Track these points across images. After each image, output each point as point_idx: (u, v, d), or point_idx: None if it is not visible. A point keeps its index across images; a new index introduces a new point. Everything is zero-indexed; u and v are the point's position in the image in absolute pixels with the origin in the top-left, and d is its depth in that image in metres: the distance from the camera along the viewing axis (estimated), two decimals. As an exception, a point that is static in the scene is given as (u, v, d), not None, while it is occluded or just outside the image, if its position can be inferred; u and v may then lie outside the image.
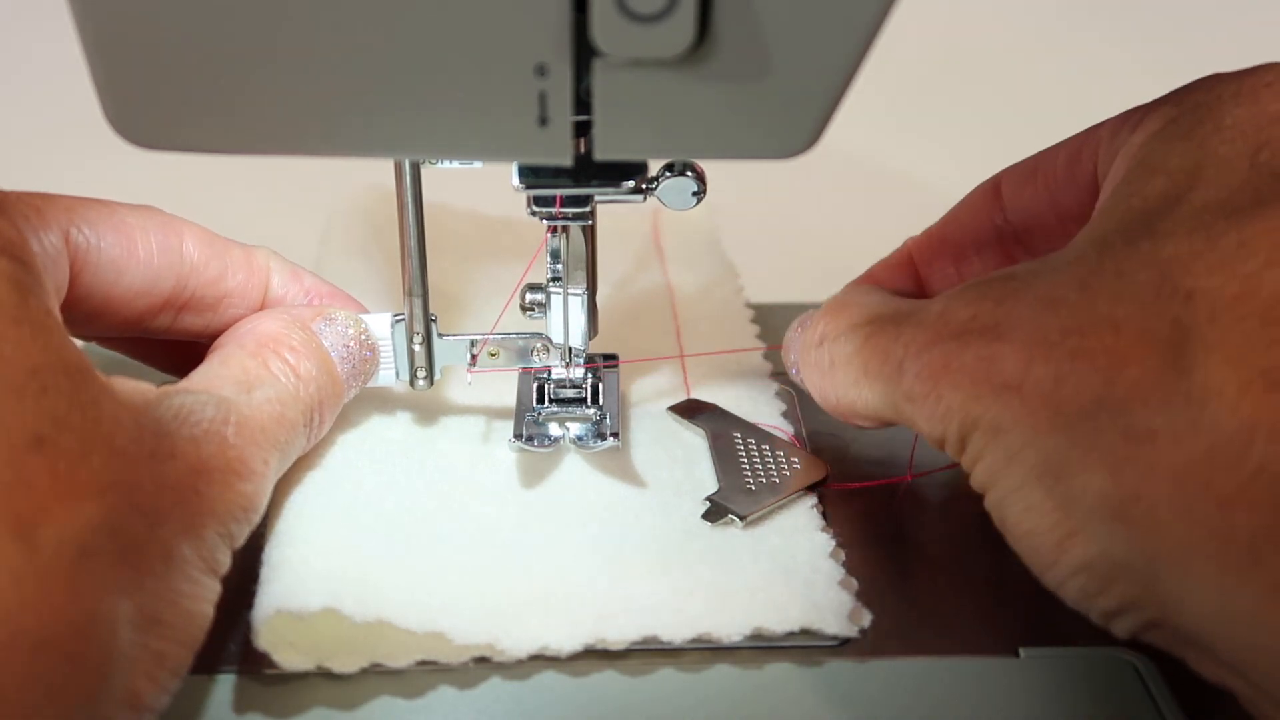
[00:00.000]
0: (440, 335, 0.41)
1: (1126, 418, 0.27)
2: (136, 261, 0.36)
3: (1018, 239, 0.39)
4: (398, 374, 0.41)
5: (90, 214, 0.35)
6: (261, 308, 0.39)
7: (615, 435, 0.40)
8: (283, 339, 0.37)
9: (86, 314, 0.36)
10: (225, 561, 0.31)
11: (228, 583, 0.35)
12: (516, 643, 0.33)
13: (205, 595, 0.30)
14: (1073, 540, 0.29)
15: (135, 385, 0.31)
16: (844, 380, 0.36)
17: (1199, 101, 0.32)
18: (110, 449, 0.28)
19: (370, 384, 0.40)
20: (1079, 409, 0.28)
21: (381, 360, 0.40)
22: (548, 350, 0.41)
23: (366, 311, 0.41)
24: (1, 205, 0.31)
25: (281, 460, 0.35)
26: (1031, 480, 0.29)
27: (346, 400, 0.39)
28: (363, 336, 0.39)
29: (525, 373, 0.42)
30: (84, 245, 0.35)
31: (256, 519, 0.33)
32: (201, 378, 0.35)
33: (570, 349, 0.41)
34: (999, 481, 0.30)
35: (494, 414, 0.43)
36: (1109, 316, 0.28)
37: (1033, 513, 0.30)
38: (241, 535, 0.32)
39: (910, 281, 0.41)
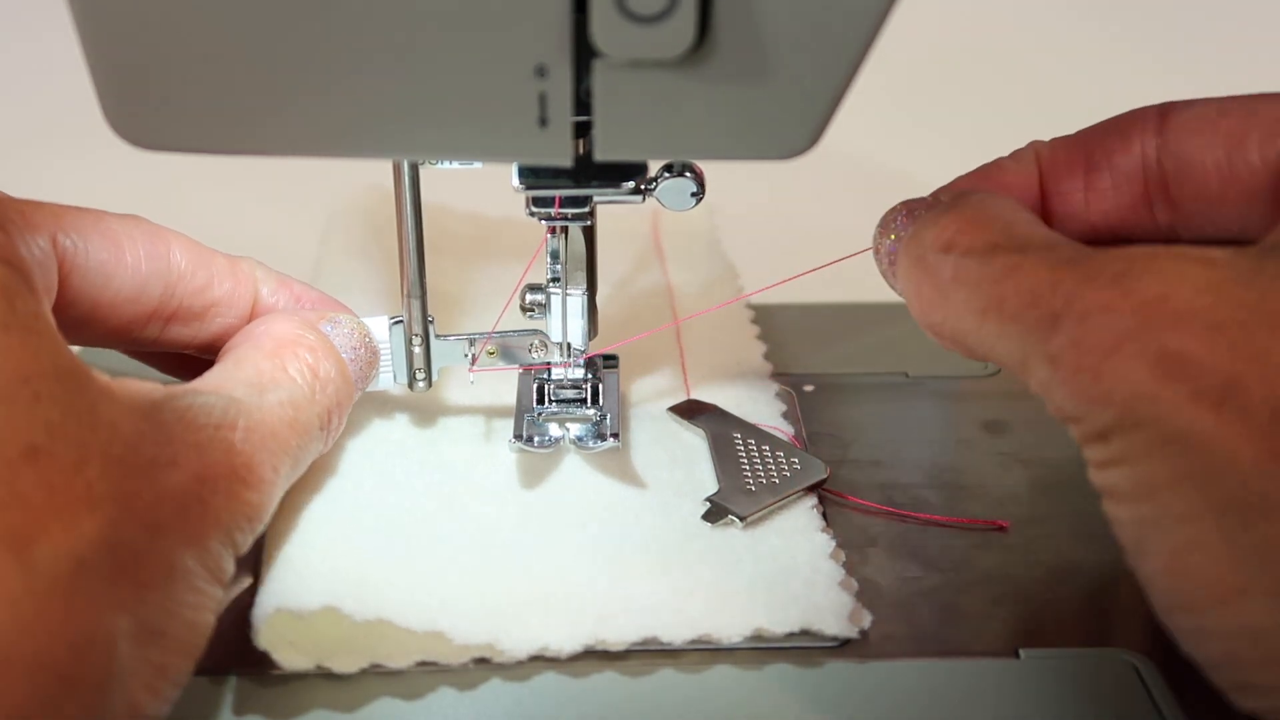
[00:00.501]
0: (437, 336, 0.41)
1: None
2: (124, 268, 0.36)
3: (1164, 181, 0.34)
4: (395, 377, 0.41)
5: (77, 220, 0.35)
6: (251, 316, 0.39)
7: (615, 436, 0.40)
8: (300, 340, 0.36)
9: (74, 321, 0.35)
10: (230, 569, 0.31)
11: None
12: (516, 643, 0.33)
13: (208, 604, 0.30)
14: (1243, 599, 0.25)
15: (138, 386, 0.31)
16: (962, 303, 0.31)
17: None
18: (107, 458, 0.27)
19: (370, 387, 0.40)
20: None
21: (380, 363, 0.40)
22: (545, 346, 0.41)
23: (357, 317, 0.41)
24: None
25: (294, 467, 0.34)
26: (1208, 515, 0.25)
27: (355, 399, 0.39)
28: (366, 339, 0.39)
29: (525, 373, 0.42)
30: (71, 250, 0.34)
31: (262, 527, 0.32)
32: (214, 379, 0.34)
33: (569, 345, 0.41)
34: (1154, 499, 0.26)
35: (494, 414, 0.43)
36: None
37: (1197, 552, 0.25)
38: (246, 543, 0.32)
39: (1032, 191, 0.36)
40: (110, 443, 0.28)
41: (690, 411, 0.43)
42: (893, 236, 0.35)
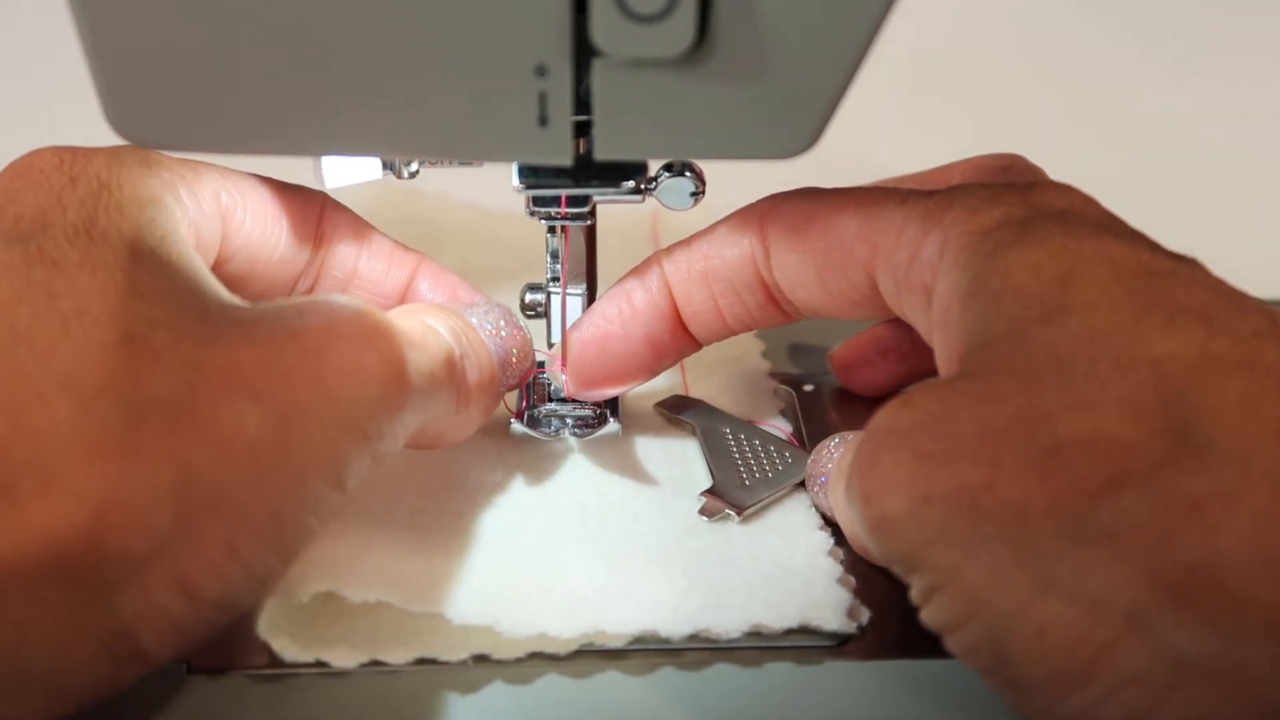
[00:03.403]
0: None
1: (1162, 490, 0.24)
2: (281, 228, 0.36)
3: (780, 288, 0.36)
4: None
5: (239, 181, 0.36)
6: (400, 303, 0.38)
7: (616, 418, 0.40)
8: (423, 308, 0.36)
9: (234, 277, 0.36)
10: (353, 474, 0.30)
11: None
12: (515, 626, 0.33)
13: (310, 501, 0.29)
14: (1115, 649, 0.25)
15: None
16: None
17: (1020, 217, 0.30)
18: (208, 335, 0.28)
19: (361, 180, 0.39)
20: (1088, 495, 0.25)
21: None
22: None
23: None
24: (156, 164, 0.33)
25: (423, 403, 0.32)
26: (1038, 589, 0.25)
27: (499, 400, 0.37)
28: (511, 319, 0.38)
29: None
30: (230, 206, 0.35)
31: (401, 430, 0.31)
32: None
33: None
34: (986, 606, 0.26)
35: (493, 414, 0.43)
36: (1075, 398, 0.26)
37: (1052, 629, 0.25)
38: (385, 438, 0.30)
39: (663, 311, 0.37)
40: (216, 323, 0.28)
41: (678, 407, 0.43)
42: (827, 461, 0.38)
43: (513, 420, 0.40)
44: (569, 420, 0.41)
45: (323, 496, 0.29)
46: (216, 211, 0.34)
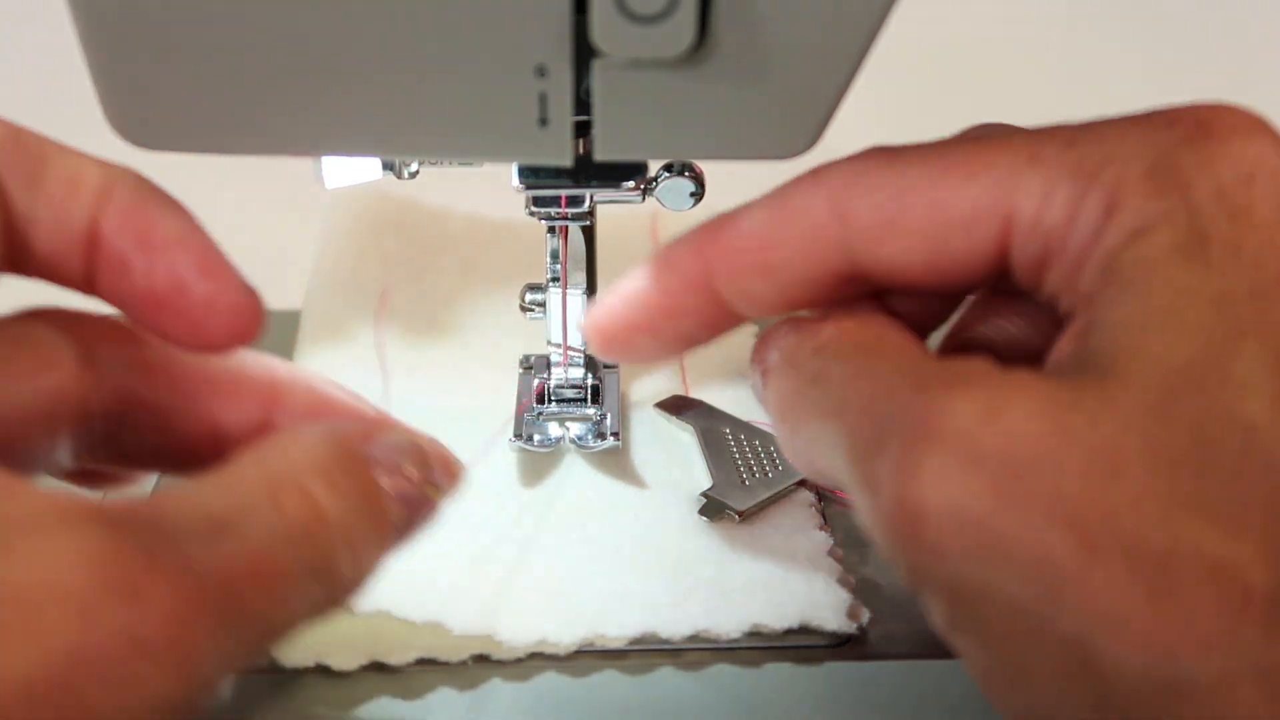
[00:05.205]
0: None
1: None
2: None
3: (867, 279, 0.28)
4: None
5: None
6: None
7: (615, 435, 0.40)
8: (316, 467, 0.26)
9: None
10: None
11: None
12: (515, 634, 0.33)
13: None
14: None
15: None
16: (813, 405, 0.26)
17: (1189, 207, 0.24)
18: None
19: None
20: (1198, 644, 0.20)
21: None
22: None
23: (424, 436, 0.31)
24: None
25: (249, 627, 0.24)
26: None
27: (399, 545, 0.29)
28: (437, 456, 0.30)
29: (525, 373, 0.43)
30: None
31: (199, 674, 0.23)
32: (180, 497, 0.24)
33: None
34: (1029, 689, 0.23)
35: (494, 414, 0.43)
36: (1206, 509, 0.21)
37: None
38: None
39: (690, 309, 0.29)
40: None
41: (678, 407, 0.43)
42: (774, 351, 0.30)
43: (509, 438, 0.40)
44: (568, 428, 0.40)
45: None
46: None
